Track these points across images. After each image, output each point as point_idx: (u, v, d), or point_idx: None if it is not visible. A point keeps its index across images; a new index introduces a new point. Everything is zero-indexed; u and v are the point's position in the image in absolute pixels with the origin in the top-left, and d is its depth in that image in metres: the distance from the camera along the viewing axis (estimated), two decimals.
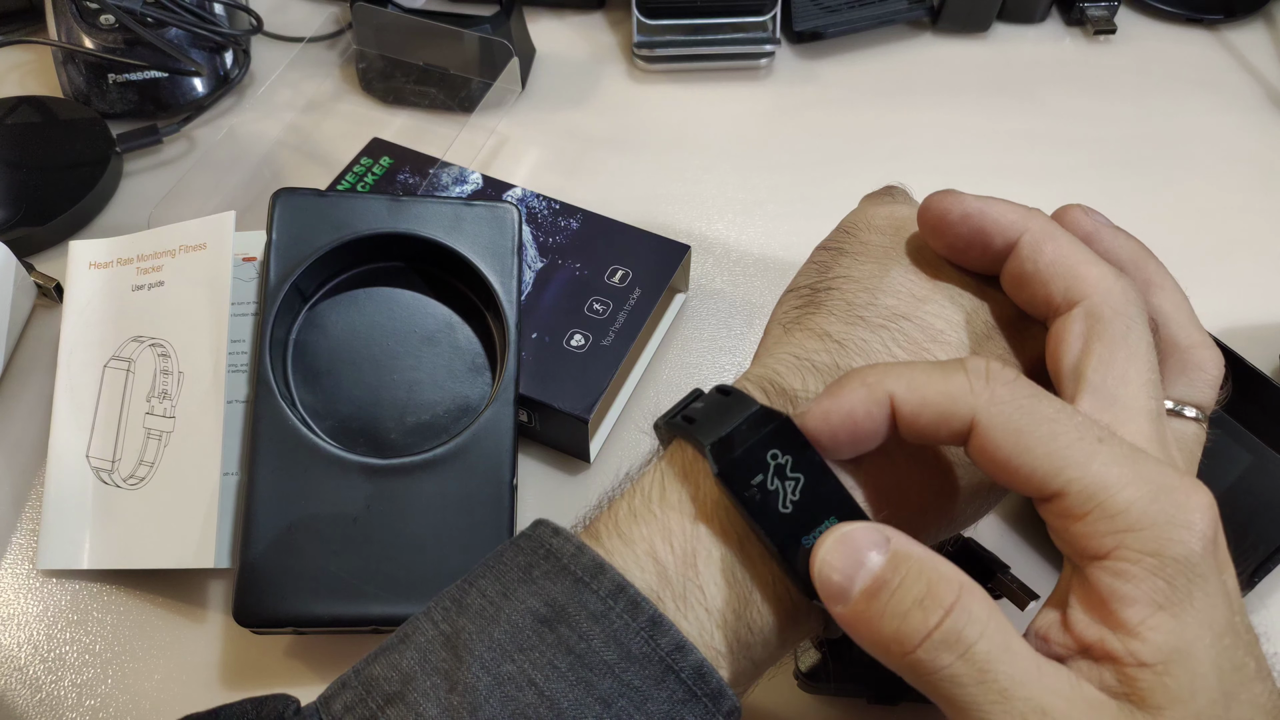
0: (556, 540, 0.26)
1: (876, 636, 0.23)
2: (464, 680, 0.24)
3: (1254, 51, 0.66)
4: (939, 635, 0.22)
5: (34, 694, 0.40)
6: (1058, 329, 0.27)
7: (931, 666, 0.22)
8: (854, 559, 0.24)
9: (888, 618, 0.23)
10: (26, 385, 0.49)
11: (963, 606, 0.22)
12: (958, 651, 0.22)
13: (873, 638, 0.23)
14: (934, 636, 0.22)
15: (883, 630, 0.23)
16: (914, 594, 0.23)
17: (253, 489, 0.39)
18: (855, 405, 0.25)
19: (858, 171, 0.59)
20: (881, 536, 0.24)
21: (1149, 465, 0.23)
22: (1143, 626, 0.22)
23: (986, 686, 0.22)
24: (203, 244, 0.45)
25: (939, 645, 0.22)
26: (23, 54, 0.64)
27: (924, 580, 0.23)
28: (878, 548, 0.24)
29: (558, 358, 0.45)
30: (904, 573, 0.23)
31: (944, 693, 0.22)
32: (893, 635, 0.23)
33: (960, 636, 0.22)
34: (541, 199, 0.51)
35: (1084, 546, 0.23)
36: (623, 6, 0.67)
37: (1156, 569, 0.22)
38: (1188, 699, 0.22)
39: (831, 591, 0.24)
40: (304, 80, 0.63)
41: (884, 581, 0.23)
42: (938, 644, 0.22)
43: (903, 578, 0.23)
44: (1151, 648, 0.22)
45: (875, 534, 0.24)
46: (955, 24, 0.66)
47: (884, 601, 0.23)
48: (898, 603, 0.23)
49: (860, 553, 0.24)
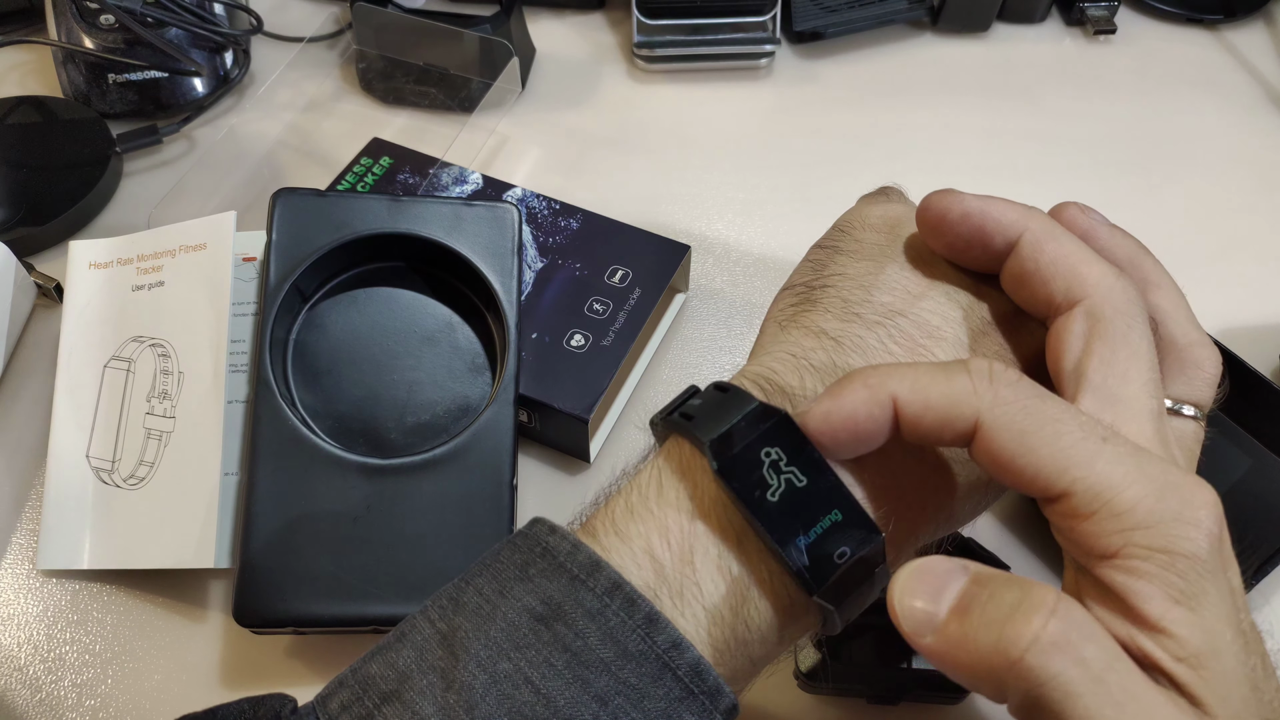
0: (553, 538, 0.26)
1: (975, 655, 0.22)
2: (460, 679, 0.24)
3: (1254, 51, 0.66)
4: (1048, 637, 0.21)
5: (34, 694, 0.40)
6: (1058, 328, 0.27)
7: (1044, 674, 0.21)
8: (935, 585, 0.23)
9: (984, 630, 0.21)
10: (26, 385, 0.49)
11: (1067, 609, 0.21)
12: (1071, 655, 0.21)
13: (970, 659, 0.22)
14: (1043, 638, 0.21)
15: (980, 645, 0.21)
16: (1010, 600, 0.22)
17: (253, 489, 0.39)
18: (857, 407, 0.25)
19: (858, 171, 0.59)
20: (958, 564, 0.23)
21: (1153, 464, 0.23)
22: (1165, 621, 0.22)
23: (1102, 697, 0.20)
24: (203, 244, 0.45)
25: (1049, 649, 0.21)
26: (23, 54, 0.65)
27: (1017, 587, 0.22)
28: (957, 572, 0.23)
29: (558, 358, 0.45)
30: (992, 585, 0.22)
31: (1054, 705, 0.21)
32: (993, 646, 0.21)
33: (1070, 639, 0.21)
34: (541, 199, 0.51)
35: (1091, 546, 0.23)
36: (623, 6, 0.67)
37: (1167, 565, 0.22)
38: (1227, 696, 0.22)
39: (917, 621, 0.23)
40: (304, 80, 0.63)
41: (974, 595, 0.22)
42: (1048, 648, 0.21)
43: (992, 589, 0.22)
44: (1182, 643, 0.22)
45: (952, 562, 0.23)
46: (955, 24, 0.66)
47: (978, 613, 0.22)
48: (994, 611, 0.22)
49: (940, 578, 0.23)
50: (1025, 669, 0.21)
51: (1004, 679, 0.21)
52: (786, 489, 0.25)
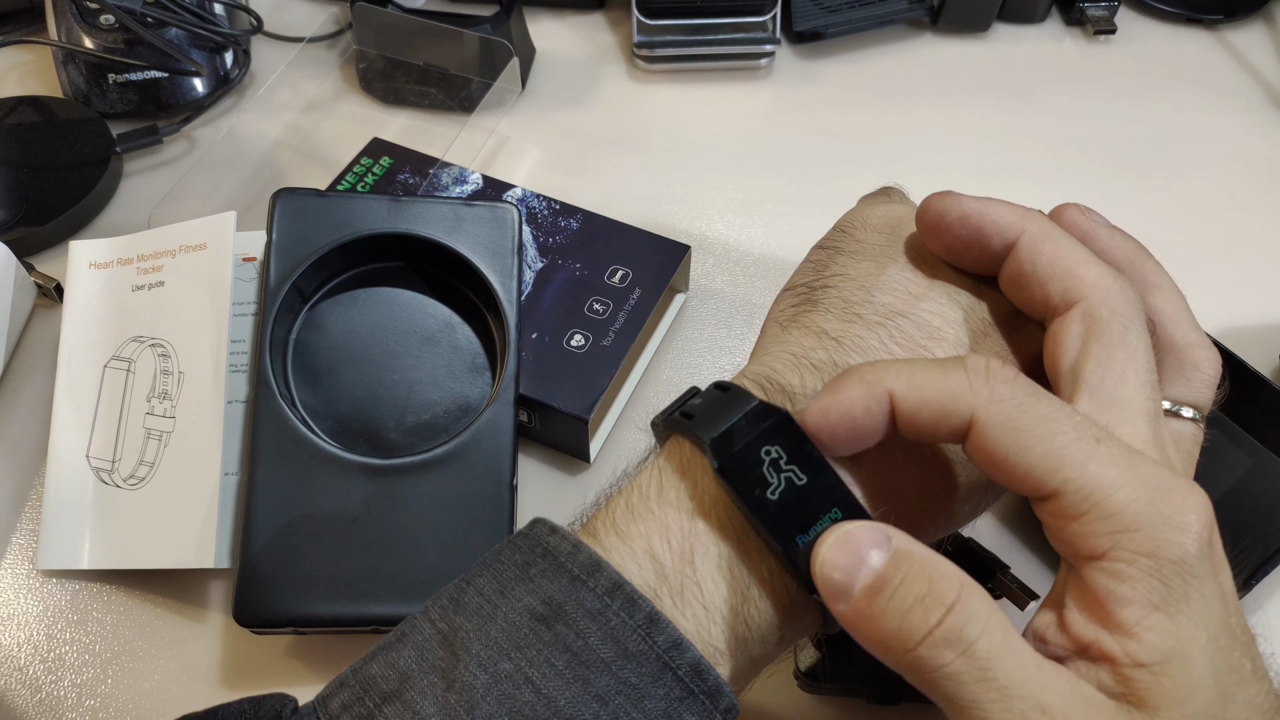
0: (554, 538, 0.26)
1: (878, 634, 0.23)
2: (461, 679, 0.24)
3: (1254, 51, 0.66)
4: (940, 633, 0.22)
5: (34, 694, 0.40)
6: (1056, 329, 0.27)
7: (933, 664, 0.22)
8: (855, 557, 0.24)
9: (889, 615, 0.23)
10: (26, 385, 0.49)
11: (964, 605, 0.22)
12: (959, 649, 0.22)
13: (874, 636, 0.23)
14: (935, 634, 0.22)
15: (884, 628, 0.23)
16: (915, 592, 0.23)
17: (253, 489, 0.39)
18: (854, 402, 0.25)
19: (858, 171, 0.59)
20: (883, 535, 0.24)
21: (1146, 466, 0.23)
22: (1139, 627, 0.22)
23: (987, 685, 0.22)
24: (203, 244, 0.45)
25: (940, 643, 0.22)
26: (23, 54, 0.65)
27: (925, 578, 0.23)
28: (879, 546, 0.24)
29: (558, 358, 0.45)
30: (905, 571, 0.23)
31: (944, 691, 0.22)
32: (894, 633, 0.23)
33: (961, 634, 0.22)
34: (541, 199, 0.51)
35: (1080, 546, 0.23)
36: (623, 6, 0.67)
37: (1152, 570, 0.22)
38: (1184, 699, 0.22)
39: (833, 589, 0.24)
40: (304, 80, 0.63)
41: (886, 579, 0.23)
42: (939, 642, 0.22)
43: (904, 576, 0.23)
44: (1148, 648, 0.22)
45: (877, 533, 0.24)
46: (955, 24, 0.66)
47: (885, 599, 0.23)
48: (899, 601, 0.23)
49: (862, 551, 0.24)
50: (917, 658, 0.22)
51: (900, 662, 0.23)
52: (786, 487, 0.25)
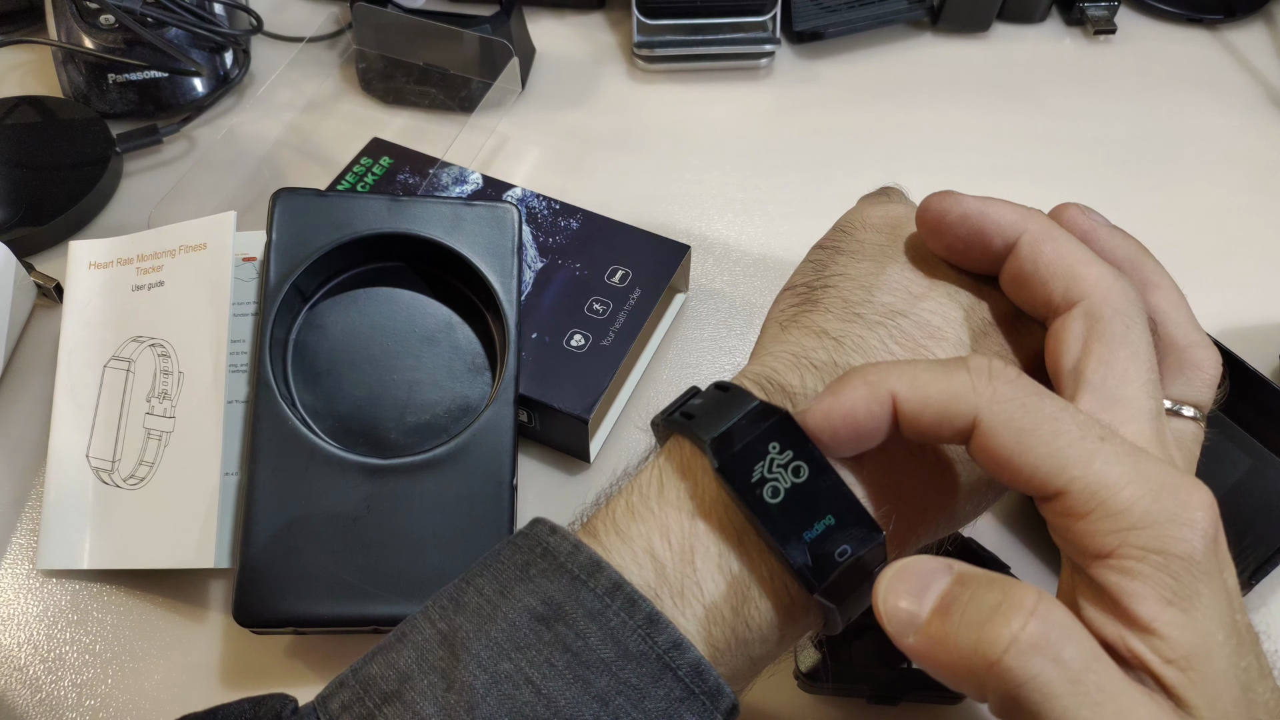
0: (553, 539, 0.26)
1: (955, 655, 0.22)
2: (461, 679, 0.24)
3: (1254, 51, 0.66)
4: (1027, 638, 0.21)
5: (34, 694, 0.40)
6: (1057, 329, 0.27)
7: (1022, 675, 0.21)
8: (920, 584, 0.23)
9: (964, 630, 0.22)
10: (26, 385, 0.49)
11: (1047, 610, 0.21)
12: (1049, 656, 0.21)
13: (950, 658, 0.22)
14: (1022, 640, 0.21)
15: (960, 645, 0.22)
16: (990, 601, 0.22)
17: (253, 489, 0.39)
18: (856, 404, 0.25)
19: (858, 171, 0.59)
20: (943, 564, 0.23)
21: (1150, 464, 0.23)
22: (1157, 622, 0.22)
23: (1080, 696, 0.21)
24: (203, 244, 0.45)
25: (1028, 650, 0.21)
26: (23, 54, 0.65)
27: (999, 588, 0.22)
28: (940, 573, 0.23)
29: (558, 358, 0.45)
30: (975, 586, 0.22)
31: (1032, 707, 0.21)
32: (972, 648, 0.21)
33: (1049, 640, 0.21)
34: (541, 199, 0.51)
35: (1086, 545, 0.23)
36: (623, 6, 0.67)
37: (1162, 566, 0.22)
38: (1215, 697, 0.22)
39: (900, 621, 0.23)
40: (304, 80, 0.63)
41: (955, 596, 0.22)
42: (1026, 649, 0.21)
43: (974, 590, 0.22)
44: (1171, 644, 0.22)
45: (936, 562, 0.23)
46: (955, 24, 0.66)
47: (959, 614, 0.22)
48: (975, 612, 0.22)
49: (924, 578, 0.23)
50: (1004, 670, 0.21)
51: (984, 679, 0.21)
52: (787, 487, 0.25)
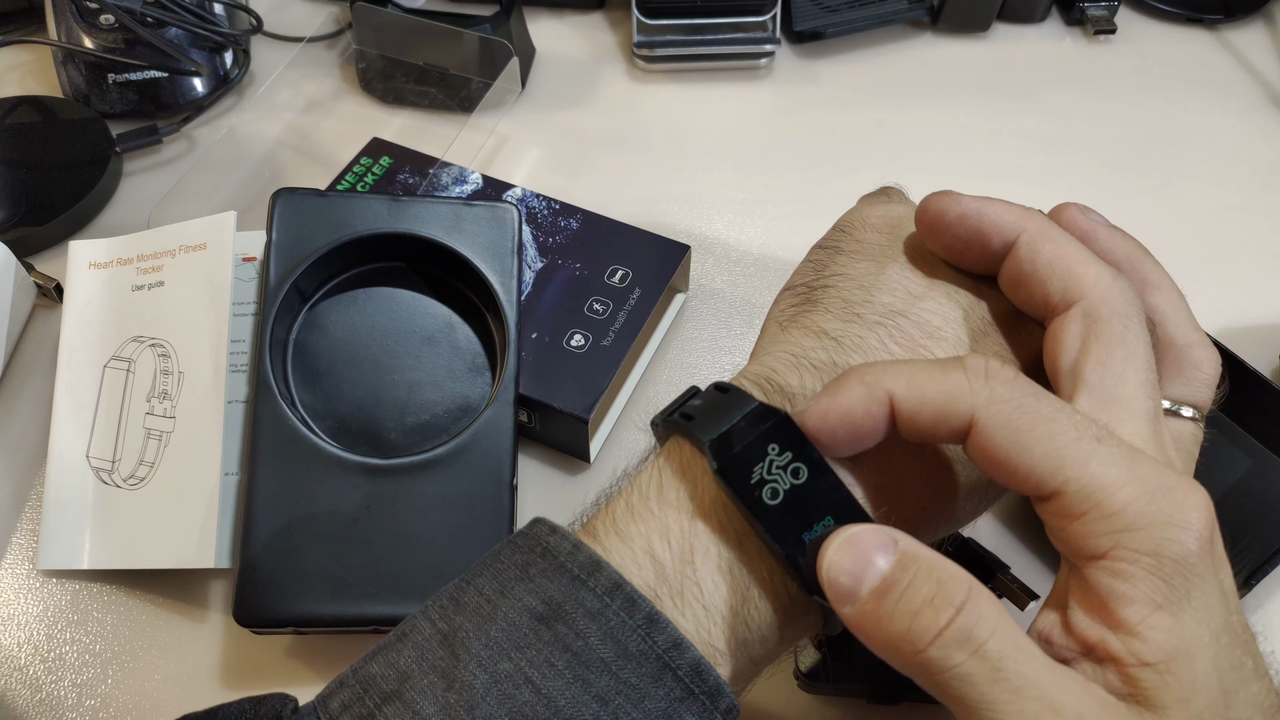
0: (553, 538, 0.26)
1: (886, 636, 0.23)
2: (461, 678, 0.24)
3: (1254, 51, 0.66)
4: (950, 633, 0.22)
5: (34, 694, 0.40)
6: (1055, 328, 0.27)
7: (943, 665, 0.22)
8: (861, 560, 0.24)
9: (897, 617, 0.23)
10: (26, 385, 0.49)
11: (973, 605, 0.22)
12: (970, 649, 0.22)
13: (882, 638, 0.23)
14: (945, 634, 0.22)
15: (892, 630, 0.23)
16: (924, 593, 0.23)
17: (253, 489, 0.39)
18: (854, 403, 0.25)
19: (857, 171, 0.59)
20: (889, 538, 0.24)
21: (1146, 465, 0.23)
22: (1142, 626, 0.22)
23: (999, 685, 0.22)
24: (203, 244, 0.45)
25: (951, 643, 0.22)
26: (23, 54, 0.65)
27: (933, 579, 0.23)
28: (885, 549, 0.24)
29: (558, 358, 0.45)
30: (913, 573, 0.23)
31: (956, 692, 0.22)
32: (903, 635, 0.23)
33: (972, 634, 0.22)
34: (541, 199, 0.51)
35: (1081, 546, 0.23)
36: (623, 6, 0.67)
37: (1154, 568, 0.22)
38: (1189, 698, 0.22)
39: (839, 593, 0.24)
40: (304, 80, 0.63)
41: (893, 581, 0.23)
42: (949, 642, 0.22)
43: (911, 578, 0.23)
44: (1152, 647, 0.22)
45: (882, 535, 0.24)
46: (955, 24, 0.66)
47: (893, 601, 0.23)
48: (907, 602, 0.23)
49: (868, 554, 0.24)
50: (927, 659, 0.22)
51: (910, 664, 0.23)
52: (786, 488, 0.25)
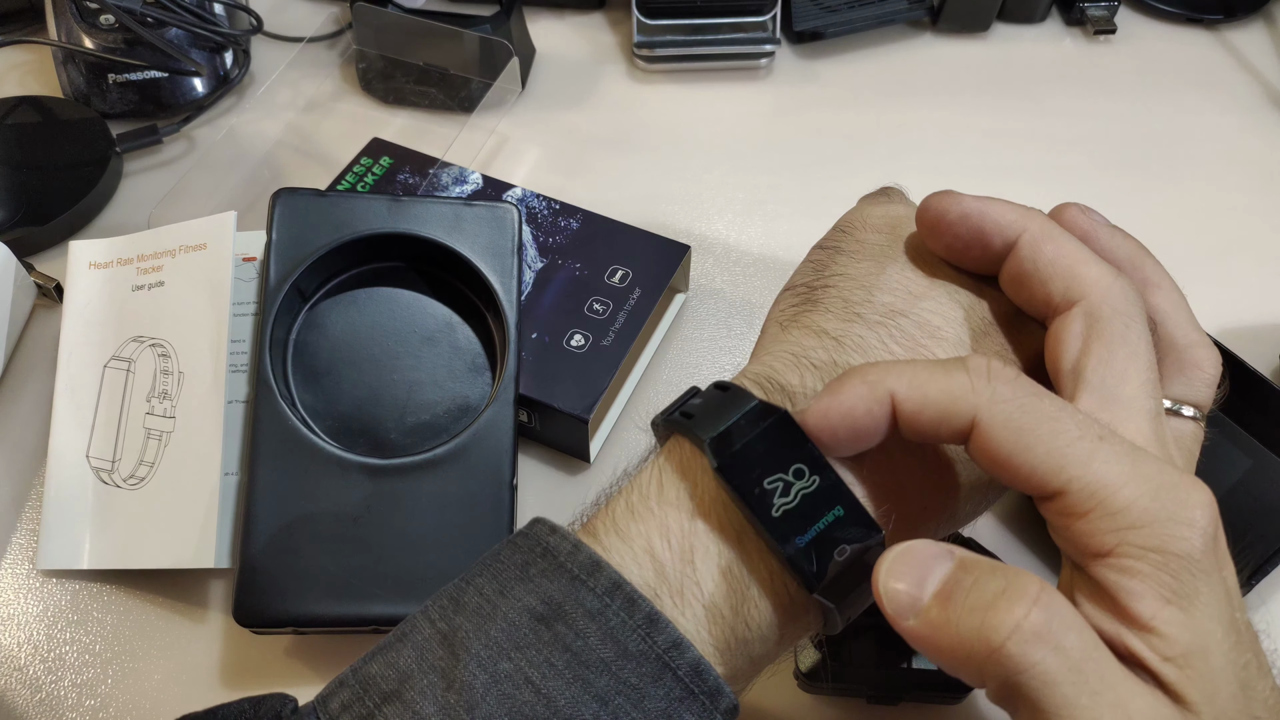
0: (553, 538, 0.26)
1: (956, 640, 0.22)
2: (461, 678, 0.24)
3: (1254, 51, 0.66)
4: (1029, 626, 0.21)
5: (34, 694, 0.40)
6: (1057, 328, 0.27)
7: (1023, 662, 0.21)
8: (921, 569, 0.23)
9: (967, 615, 0.22)
10: (26, 385, 0.49)
11: (1050, 599, 0.22)
12: (1050, 645, 0.21)
13: (951, 643, 0.22)
14: (1024, 627, 0.21)
15: (962, 631, 0.22)
16: (993, 588, 0.22)
17: (253, 489, 0.39)
18: (855, 403, 0.25)
19: (858, 171, 0.59)
20: (944, 549, 0.23)
21: (1149, 463, 0.23)
22: (1155, 620, 0.22)
23: (1079, 686, 0.21)
24: (203, 244, 0.45)
25: (1031, 637, 0.21)
26: (23, 54, 0.65)
27: (1001, 575, 0.22)
28: (941, 558, 0.23)
29: (558, 358, 0.45)
30: (977, 573, 0.22)
31: (1031, 694, 0.21)
32: (975, 633, 0.21)
33: (1051, 629, 0.21)
34: (541, 199, 0.51)
35: (1086, 545, 0.23)
36: (623, 6, 0.67)
37: (1161, 565, 0.22)
38: (1213, 694, 0.22)
39: (899, 606, 0.23)
40: (304, 80, 0.63)
41: (958, 581, 0.22)
42: (1029, 636, 0.21)
43: (977, 576, 0.22)
44: (1170, 642, 0.22)
45: (937, 547, 0.23)
46: (955, 24, 0.66)
47: (961, 600, 0.22)
48: (977, 598, 0.22)
49: (926, 563, 0.23)
50: (1005, 656, 0.21)
51: (984, 665, 0.22)
52: (787, 487, 0.25)
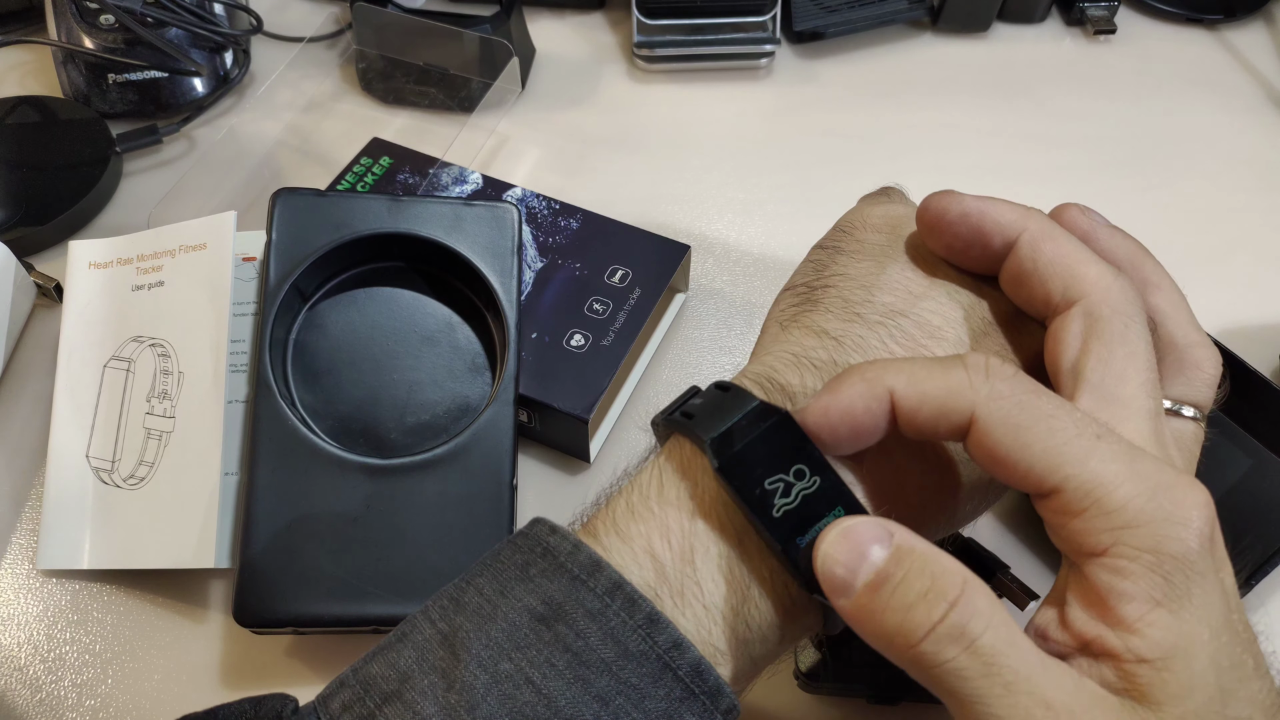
0: (553, 538, 0.26)
1: (880, 630, 0.23)
2: (461, 679, 0.24)
3: (1254, 51, 0.66)
4: (944, 628, 0.22)
5: (34, 694, 0.40)
6: (1056, 328, 0.27)
7: (936, 660, 0.22)
8: (857, 552, 0.24)
9: (891, 611, 0.23)
10: (26, 385, 0.49)
11: (967, 600, 0.22)
12: (963, 644, 0.22)
13: (876, 631, 0.23)
14: (939, 630, 0.22)
15: (886, 624, 0.23)
16: (918, 587, 0.23)
17: (253, 489, 0.39)
18: (854, 400, 0.25)
19: (858, 171, 0.59)
20: (884, 531, 0.24)
21: (1147, 463, 0.23)
22: (1140, 623, 0.22)
23: (992, 680, 0.22)
24: (203, 244, 0.45)
25: (944, 638, 0.22)
26: (23, 54, 0.65)
27: (928, 574, 0.23)
28: (880, 541, 0.24)
29: (558, 358, 0.45)
30: (907, 567, 0.23)
31: (948, 686, 0.22)
32: (896, 629, 0.23)
33: (965, 630, 0.22)
34: (541, 199, 0.51)
35: (1081, 543, 0.23)
36: (623, 6, 0.67)
37: (1154, 565, 0.22)
38: (1186, 695, 0.22)
39: (835, 585, 0.24)
40: (304, 80, 0.63)
41: (887, 575, 0.23)
42: (943, 637, 0.22)
43: (906, 571, 0.23)
44: (1150, 644, 0.22)
45: (878, 528, 0.24)
46: (955, 24, 0.66)
47: (887, 595, 0.23)
48: (901, 596, 0.23)
49: (863, 546, 0.24)
50: (920, 653, 0.22)
51: (903, 658, 0.23)
52: (787, 487, 0.25)
